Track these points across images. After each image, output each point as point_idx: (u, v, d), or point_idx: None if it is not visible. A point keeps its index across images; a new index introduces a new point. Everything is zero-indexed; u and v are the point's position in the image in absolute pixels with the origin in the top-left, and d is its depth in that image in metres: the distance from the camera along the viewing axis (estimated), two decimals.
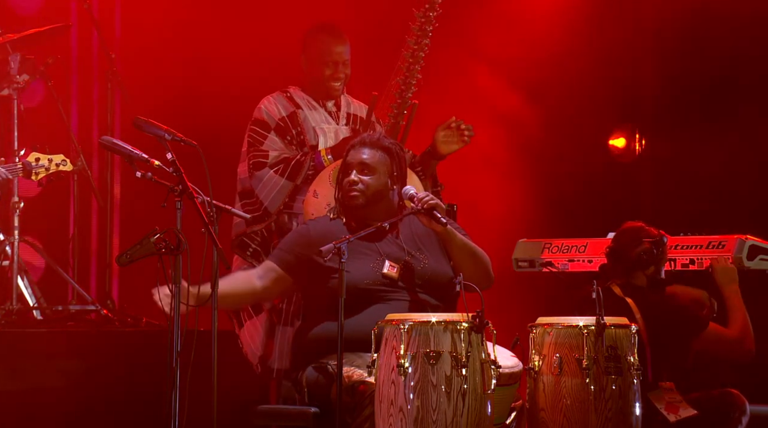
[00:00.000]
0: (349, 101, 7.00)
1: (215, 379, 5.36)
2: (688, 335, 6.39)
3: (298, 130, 6.81)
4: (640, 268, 6.48)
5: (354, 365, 5.61)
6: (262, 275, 5.95)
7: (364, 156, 5.93)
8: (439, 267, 5.92)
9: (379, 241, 5.89)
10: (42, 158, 6.93)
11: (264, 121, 6.83)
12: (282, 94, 6.92)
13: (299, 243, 5.93)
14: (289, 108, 6.84)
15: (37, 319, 7.44)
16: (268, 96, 6.93)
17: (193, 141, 5.48)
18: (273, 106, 6.86)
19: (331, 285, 5.68)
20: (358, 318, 5.67)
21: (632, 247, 6.48)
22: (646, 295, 6.41)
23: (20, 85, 7.47)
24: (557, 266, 7.19)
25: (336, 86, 6.89)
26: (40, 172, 6.94)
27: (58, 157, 6.96)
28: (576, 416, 5.52)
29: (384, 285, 5.81)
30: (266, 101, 6.90)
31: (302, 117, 6.84)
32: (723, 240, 6.83)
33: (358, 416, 5.51)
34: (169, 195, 5.35)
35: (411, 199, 5.88)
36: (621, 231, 6.59)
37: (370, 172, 5.91)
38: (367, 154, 5.93)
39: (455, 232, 5.90)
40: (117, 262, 5.39)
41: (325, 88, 6.90)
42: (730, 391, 6.42)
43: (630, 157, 9.36)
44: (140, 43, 8.51)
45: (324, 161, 6.73)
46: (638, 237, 6.49)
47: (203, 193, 5.39)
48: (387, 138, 6.11)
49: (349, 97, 7.01)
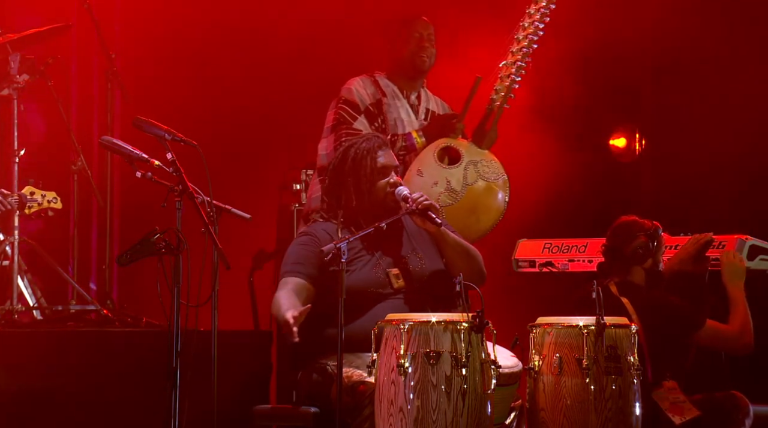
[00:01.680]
0: (429, 96, 7.04)
1: (215, 379, 5.36)
2: (684, 333, 6.36)
3: (382, 118, 6.84)
4: (637, 263, 6.44)
5: (353, 365, 5.61)
6: (298, 293, 5.79)
7: (393, 157, 6.01)
8: (436, 267, 5.93)
9: (380, 242, 5.89)
10: (36, 193, 6.90)
11: (356, 103, 6.84)
12: (369, 79, 6.94)
13: (315, 253, 5.80)
14: (376, 95, 6.86)
15: (37, 319, 7.44)
16: (357, 78, 6.95)
17: (193, 141, 5.48)
18: (363, 89, 6.88)
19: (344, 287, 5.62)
20: (362, 320, 5.67)
21: (628, 243, 6.43)
22: (641, 294, 6.38)
23: (20, 85, 7.47)
24: (557, 266, 7.18)
25: (424, 60, 6.90)
26: (33, 207, 6.91)
27: (51, 194, 6.93)
28: (576, 416, 5.52)
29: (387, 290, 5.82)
30: (356, 84, 6.90)
31: (386, 106, 6.86)
32: (723, 241, 6.83)
33: (358, 416, 5.52)
34: (169, 195, 5.35)
35: (405, 199, 5.88)
36: (615, 228, 6.52)
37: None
38: (392, 155, 6.01)
39: (448, 232, 5.91)
40: (117, 262, 5.39)
41: (412, 66, 6.91)
42: (734, 393, 6.40)
43: (630, 157, 9.36)
44: (140, 43, 8.51)
45: (416, 142, 6.77)
46: (632, 231, 6.43)
47: (203, 193, 5.39)
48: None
49: (428, 91, 7.05)
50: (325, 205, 6.03)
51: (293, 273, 5.82)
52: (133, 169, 5.39)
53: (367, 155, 5.93)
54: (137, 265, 5.44)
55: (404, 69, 6.95)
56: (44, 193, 6.91)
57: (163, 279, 5.33)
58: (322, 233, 5.89)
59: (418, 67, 6.92)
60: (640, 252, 6.41)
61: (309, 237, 5.92)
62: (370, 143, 5.97)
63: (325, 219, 5.98)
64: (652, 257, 6.44)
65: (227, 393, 6.11)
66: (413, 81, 6.97)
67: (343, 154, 5.98)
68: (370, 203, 5.90)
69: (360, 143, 5.98)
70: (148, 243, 5.29)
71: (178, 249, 5.27)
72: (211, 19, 8.60)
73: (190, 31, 8.50)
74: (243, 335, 7.29)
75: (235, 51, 8.58)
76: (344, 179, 5.94)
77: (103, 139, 5.55)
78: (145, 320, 7.51)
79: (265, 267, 7.82)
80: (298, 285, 5.79)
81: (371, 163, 5.93)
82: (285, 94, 8.70)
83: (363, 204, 5.91)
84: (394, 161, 5.99)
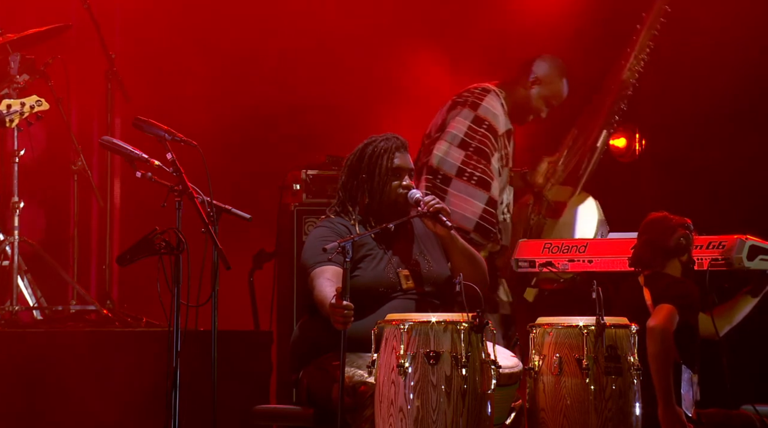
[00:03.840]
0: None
1: (215, 379, 5.36)
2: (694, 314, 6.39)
3: (506, 151, 7.21)
4: (678, 255, 6.46)
5: (354, 365, 5.61)
6: (335, 281, 5.69)
7: (410, 160, 5.98)
8: (443, 270, 5.94)
9: (390, 243, 5.89)
10: (14, 103, 6.37)
11: (496, 131, 7.09)
12: (499, 99, 7.07)
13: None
14: (508, 124, 7.06)
15: (37, 319, 7.44)
16: (495, 96, 7.09)
17: (193, 141, 5.48)
18: (502, 116, 7.16)
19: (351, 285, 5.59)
20: (370, 318, 5.66)
21: (669, 235, 6.46)
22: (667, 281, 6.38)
23: (20, 85, 7.47)
24: (557, 266, 7.18)
25: (542, 115, 7.27)
26: (14, 118, 6.57)
27: (32, 99, 6.40)
28: (576, 416, 5.52)
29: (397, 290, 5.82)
30: (496, 107, 7.10)
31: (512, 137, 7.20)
32: (723, 240, 6.83)
33: (358, 417, 5.51)
34: (169, 195, 5.35)
35: (417, 202, 5.88)
36: (650, 222, 6.55)
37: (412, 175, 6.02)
38: (409, 158, 5.98)
39: (457, 236, 5.92)
40: (117, 262, 5.39)
41: (530, 112, 7.20)
42: (746, 413, 6.40)
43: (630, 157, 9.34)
44: (140, 43, 8.51)
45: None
46: (671, 224, 6.48)
47: (203, 193, 5.39)
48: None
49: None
50: (338, 199, 6.02)
51: (323, 262, 5.71)
52: (133, 169, 5.39)
53: (384, 154, 5.93)
54: (137, 265, 5.44)
55: (523, 110, 7.10)
56: (23, 100, 6.39)
57: (163, 279, 5.33)
58: (339, 227, 5.89)
59: (531, 114, 7.08)
60: (683, 242, 6.44)
61: (327, 229, 5.88)
62: (389, 143, 5.96)
63: (337, 214, 5.97)
64: (689, 252, 6.48)
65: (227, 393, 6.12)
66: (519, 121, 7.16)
67: (362, 150, 5.97)
68: (381, 203, 5.90)
69: (379, 142, 5.96)
70: (148, 243, 5.29)
71: (178, 249, 5.26)
72: (211, 19, 8.60)
73: (190, 31, 8.49)
74: (243, 335, 7.29)
75: (235, 51, 8.58)
76: (359, 176, 5.94)
77: (103, 139, 5.55)
78: (145, 320, 7.51)
79: (265, 267, 7.82)
80: (334, 271, 5.69)
81: (387, 163, 5.92)
82: (285, 94, 8.70)
83: (374, 203, 5.91)
84: (409, 164, 5.97)
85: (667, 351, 6.12)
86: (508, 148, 7.20)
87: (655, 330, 6.13)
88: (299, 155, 8.09)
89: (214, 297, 5.32)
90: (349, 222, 5.91)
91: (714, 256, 6.76)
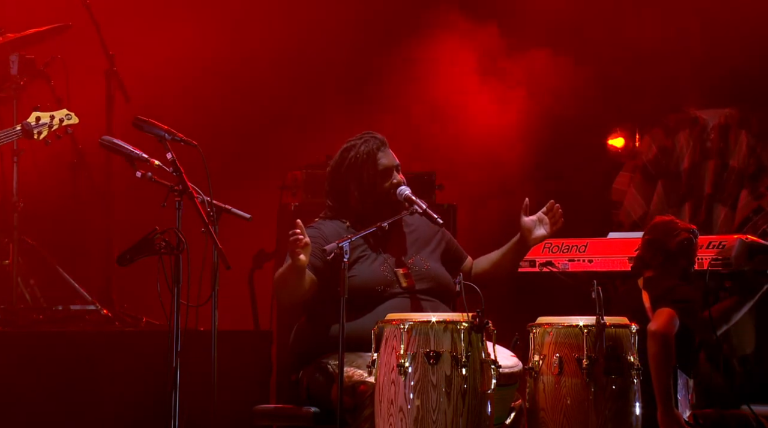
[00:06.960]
0: None
1: (215, 379, 5.36)
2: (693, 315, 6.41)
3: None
4: (681, 256, 6.49)
5: (354, 365, 5.61)
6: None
7: (393, 156, 5.96)
8: (439, 269, 5.94)
9: (384, 242, 5.89)
10: (43, 116, 6.43)
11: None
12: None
13: (318, 246, 5.73)
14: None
15: (37, 319, 7.44)
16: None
17: (193, 141, 5.47)
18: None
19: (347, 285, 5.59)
20: (368, 317, 5.66)
21: (671, 237, 6.51)
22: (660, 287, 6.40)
23: (20, 85, 7.47)
24: (557, 266, 7.18)
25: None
26: (43, 131, 6.43)
27: (62, 112, 6.47)
28: (576, 416, 5.52)
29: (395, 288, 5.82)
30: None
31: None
32: (723, 241, 6.84)
33: (358, 416, 5.51)
34: (169, 195, 5.35)
35: (407, 200, 5.87)
36: (655, 224, 6.63)
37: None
38: (391, 153, 5.96)
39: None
40: (117, 262, 5.39)
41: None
42: (742, 413, 6.41)
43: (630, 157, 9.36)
44: (140, 43, 8.51)
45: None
46: (675, 228, 6.56)
47: (203, 193, 5.39)
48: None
49: None
50: (328, 206, 5.99)
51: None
52: (133, 169, 5.39)
53: (368, 159, 5.90)
54: (137, 265, 5.44)
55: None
56: (52, 113, 6.46)
57: (163, 279, 5.33)
58: (329, 229, 5.87)
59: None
60: (684, 244, 6.47)
61: (314, 230, 5.87)
62: (369, 145, 5.92)
63: (330, 218, 5.96)
64: (689, 257, 6.52)
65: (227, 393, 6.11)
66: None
67: (341, 156, 5.94)
68: (374, 205, 5.89)
69: (359, 146, 5.93)
70: (148, 243, 5.29)
71: (178, 249, 5.26)
72: (211, 19, 8.60)
73: (190, 31, 8.50)
74: (243, 335, 7.30)
75: (235, 51, 8.58)
76: (346, 182, 5.92)
77: (103, 138, 5.54)
78: (145, 320, 7.52)
79: (265, 267, 7.83)
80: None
81: (373, 167, 5.91)
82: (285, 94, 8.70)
83: (367, 206, 5.89)
84: (394, 160, 5.96)
85: (667, 354, 6.14)
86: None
87: (657, 334, 6.14)
88: (299, 155, 8.09)
89: (214, 297, 5.32)
90: (342, 225, 5.90)
91: (714, 256, 6.76)
